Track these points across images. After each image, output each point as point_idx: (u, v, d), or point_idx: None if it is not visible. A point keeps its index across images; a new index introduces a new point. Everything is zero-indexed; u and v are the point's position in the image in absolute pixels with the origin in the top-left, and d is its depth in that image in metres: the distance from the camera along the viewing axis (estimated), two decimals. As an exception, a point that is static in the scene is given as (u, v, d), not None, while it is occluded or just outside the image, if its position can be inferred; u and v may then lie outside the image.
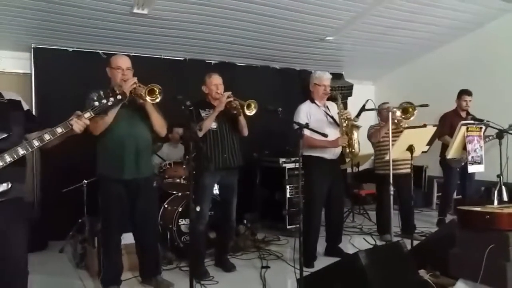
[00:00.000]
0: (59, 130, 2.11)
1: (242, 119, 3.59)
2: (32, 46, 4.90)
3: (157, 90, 2.91)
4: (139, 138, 3.11)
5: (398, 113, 4.01)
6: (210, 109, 3.56)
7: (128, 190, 3.10)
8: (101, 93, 2.21)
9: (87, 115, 2.17)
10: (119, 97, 2.23)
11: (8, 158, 2.00)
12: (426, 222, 5.47)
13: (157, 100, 2.94)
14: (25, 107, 2.31)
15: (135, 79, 2.96)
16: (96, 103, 2.18)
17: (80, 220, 4.36)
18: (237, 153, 3.69)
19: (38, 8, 4.11)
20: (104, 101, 2.19)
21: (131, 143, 3.06)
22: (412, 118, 4.01)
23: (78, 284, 3.51)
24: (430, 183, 6.61)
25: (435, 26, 5.77)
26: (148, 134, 3.19)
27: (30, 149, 2.06)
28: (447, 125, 5.01)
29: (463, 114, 5.19)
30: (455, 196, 5.66)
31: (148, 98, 2.90)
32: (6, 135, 2.08)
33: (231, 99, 3.48)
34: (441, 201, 5.52)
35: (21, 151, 2.04)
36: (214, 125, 3.53)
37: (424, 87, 6.55)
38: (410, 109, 3.98)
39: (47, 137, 2.08)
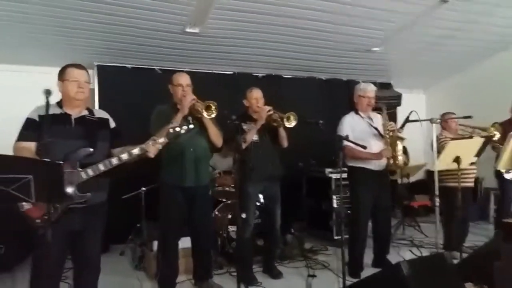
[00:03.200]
0: (136, 151, 2.41)
1: (282, 131, 3.73)
2: (95, 64, 5.34)
3: (213, 106, 3.15)
4: (198, 148, 3.35)
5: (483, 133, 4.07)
6: (251, 122, 3.72)
7: (187, 197, 3.32)
8: (178, 123, 2.53)
9: (162, 140, 2.47)
10: (191, 126, 2.57)
11: (90, 172, 2.30)
12: (482, 236, 5.26)
13: (213, 116, 3.18)
14: (112, 124, 2.63)
15: (194, 96, 3.22)
16: (171, 131, 2.49)
17: (138, 225, 4.64)
18: (278, 164, 3.83)
19: (100, 30, 4.50)
20: (178, 128, 2.50)
21: (191, 153, 3.30)
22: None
23: (137, 284, 3.77)
24: (487, 195, 6.35)
25: (488, 35, 5.61)
26: (206, 145, 3.42)
27: (109, 166, 2.35)
28: (502, 135, 4.83)
29: (519, 124, 4.98)
30: (512, 208, 5.41)
31: (205, 114, 3.15)
32: (92, 151, 2.37)
33: (271, 112, 3.62)
34: (498, 215, 5.30)
35: (102, 168, 2.33)
36: (256, 137, 3.69)
37: (478, 96, 6.35)
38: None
39: (124, 157, 2.38)
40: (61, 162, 2.14)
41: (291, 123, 3.56)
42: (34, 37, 4.53)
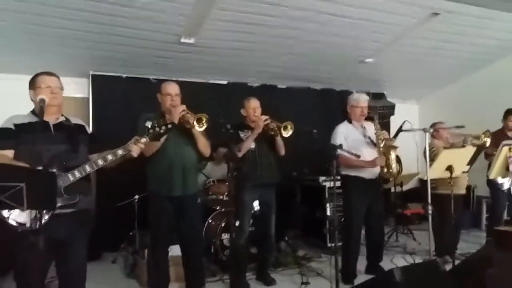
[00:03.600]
0: (120, 152, 2.43)
1: (279, 140, 3.76)
2: (90, 73, 5.36)
3: (204, 119, 3.14)
4: (186, 158, 3.34)
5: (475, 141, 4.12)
6: (248, 131, 3.76)
7: (175, 206, 3.31)
8: (155, 122, 2.55)
9: (143, 140, 2.50)
10: (169, 126, 2.59)
11: (77, 174, 2.32)
12: (474, 244, 5.30)
13: (203, 128, 3.16)
14: (89, 130, 2.66)
15: (184, 107, 3.20)
16: (151, 130, 2.53)
17: (131, 233, 4.64)
18: (274, 171, 3.86)
19: (96, 40, 4.53)
20: (157, 129, 2.54)
21: (178, 163, 3.29)
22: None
23: (128, 293, 3.77)
24: (479, 203, 6.39)
25: (479, 47, 5.70)
26: (193, 154, 3.41)
27: (95, 167, 2.37)
28: (493, 145, 4.89)
29: (510, 134, 5.06)
30: (505, 217, 5.45)
31: (196, 126, 3.13)
32: (76, 154, 2.40)
33: (268, 121, 3.66)
34: (490, 222, 5.34)
35: (88, 169, 2.35)
36: (253, 145, 3.73)
37: (470, 106, 6.43)
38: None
39: (109, 157, 2.40)
40: (54, 170, 2.17)
41: (288, 132, 3.59)
42: (29, 47, 4.55)
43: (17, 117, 2.41)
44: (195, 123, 3.11)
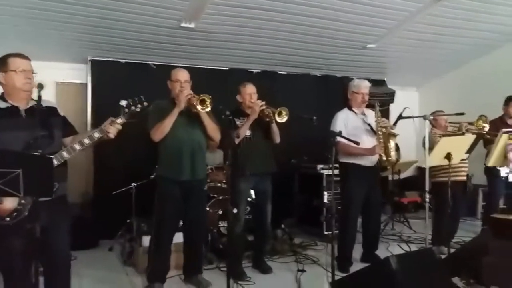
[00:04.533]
0: (96, 134, 2.36)
1: (274, 127, 3.74)
2: (89, 59, 5.30)
3: (208, 100, 3.16)
4: (195, 142, 3.35)
5: (470, 126, 4.08)
6: (244, 118, 3.73)
7: (183, 191, 3.33)
8: (130, 101, 2.48)
9: (119, 120, 2.42)
10: (145, 104, 2.52)
11: (55, 161, 2.23)
12: (470, 232, 5.34)
13: (208, 109, 3.20)
14: (61, 113, 2.55)
15: (190, 91, 3.24)
16: (127, 110, 2.45)
17: (128, 221, 4.64)
18: (270, 160, 3.85)
19: (94, 24, 4.47)
20: (133, 107, 2.47)
21: (187, 147, 3.30)
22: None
23: (125, 279, 3.78)
24: (475, 192, 6.42)
25: (482, 32, 5.64)
26: (203, 139, 3.43)
27: (73, 153, 2.31)
28: (492, 131, 4.88)
29: (511, 121, 5.04)
30: (501, 205, 5.47)
31: (199, 107, 3.16)
32: (51, 140, 2.33)
33: (264, 107, 3.63)
34: (486, 211, 5.36)
35: (65, 155, 2.30)
36: (248, 133, 3.70)
37: (470, 94, 6.40)
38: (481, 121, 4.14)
39: (86, 141, 2.33)
40: (51, 156, 2.13)
41: (283, 118, 3.57)
42: (26, 31, 4.50)
43: None
44: (198, 104, 3.11)
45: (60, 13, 4.18)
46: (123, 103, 2.49)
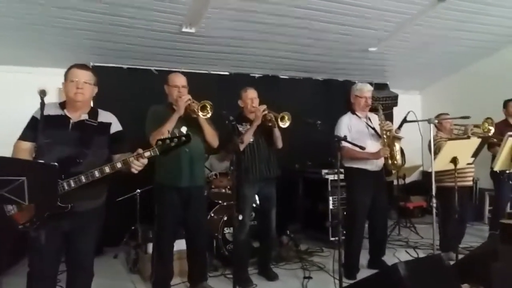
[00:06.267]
0: (119, 165, 2.30)
1: (276, 131, 3.72)
2: (91, 64, 5.29)
3: (209, 106, 3.14)
4: (194, 149, 3.31)
5: (476, 129, 4.05)
6: (246, 123, 3.71)
7: (182, 198, 3.30)
8: (169, 135, 2.31)
9: (147, 154, 2.29)
10: (183, 139, 2.30)
11: (72, 184, 2.23)
12: (477, 237, 5.29)
13: (208, 115, 3.18)
14: (114, 129, 2.51)
15: (189, 96, 3.21)
16: (160, 142, 2.29)
17: (133, 228, 4.61)
18: (273, 165, 3.82)
19: (96, 30, 4.46)
20: (168, 141, 2.30)
21: (185, 154, 3.27)
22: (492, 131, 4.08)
23: (131, 287, 3.75)
24: (482, 196, 6.37)
25: (484, 35, 5.61)
26: (201, 146, 3.41)
27: (91, 179, 2.25)
28: (497, 136, 4.85)
29: (514, 122, 5.02)
30: (508, 210, 5.42)
31: (200, 114, 3.14)
32: (81, 160, 2.31)
33: (266, 112, 3.61)
34: (493, 215, 5.31)
35: (83, 180, 2.24)
36: (251, 139, 3.68)
37: (473, 96, 6.36)
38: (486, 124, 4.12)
39: (107, 170, 2.28)
40: (55, 164, 2.09)
41: (286, 123, 3.55)
42: (30, 37, 4.49)
43: (49, 106, 2.29)
44: (199, 111, 3.09)
45: (62, 19, 4.17)
46: (184, 129, 2.40)
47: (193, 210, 3.35)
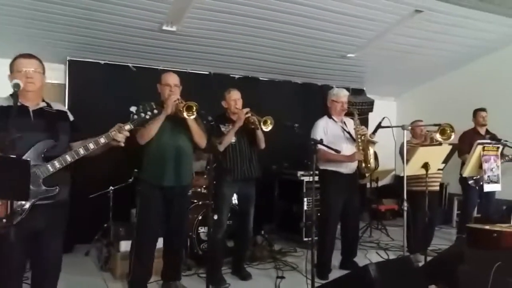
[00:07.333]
0: (102, 140, 2.31)
1: (259, 133, 3.75)
2: (68, 59, 5.18)
3: (194, 107, 3.11)
4: (180, 148, 3.31)
5: (438, 136, 3.95)
6: (229, 124, 3.73)
7: (165, 197, 3.28)
8: (141, 107, 2.43)
9: (127, 127, 2.38)
10: (155, 111, 2.46)
11: (57, 165, 2.22)
12: (445, 240, 5.46)
13: (193, 116, 3.14)
14: (71, 117, 2.52)
15: (178, 96, 3.20)
16: (136, 116, 2.40)
17: (105, 225, 4.55)
18: (255, 165, 3.86)
19: (74, 24, 4.37)
20: (142, 114, 2.42)
21: (171, 153, 3.26)
22: (452, 138, 3.92)
23: (102, 286, 3.70)
24: (451, 201, 6.58)
25: (458, 46, 5.81)
26: (188, 145, 3.39)
27: (76, 157, 2.26)
28: (466, 144, 5.00)
29: (482, 131, 5.21)
30: (475, 214, 5.61)
31: (185, 114, 3.11)
32: (55, 143, 2.29)
33: (249, 115, 3.64)
34: (460, 219, 5.50)
35: (68, 159, 2.25)
36: (233, 139, 3.70)
37: (447, 105, 6.55)
38: (448, 130, 3.90)
39: (91, 146, 2.28)
40: (28, 159, 2.08)
41: (268, 127, 3.59)
42: (3, 29, 4.37)
43: (2, 100, 2.27)
44: (184, 111, 3.08)
45: (39, 12, 4.07)
46: (133, 109, 2.45)
47: (175, 210, 3.33)
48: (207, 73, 5.92)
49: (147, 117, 2.43)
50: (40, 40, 4.67)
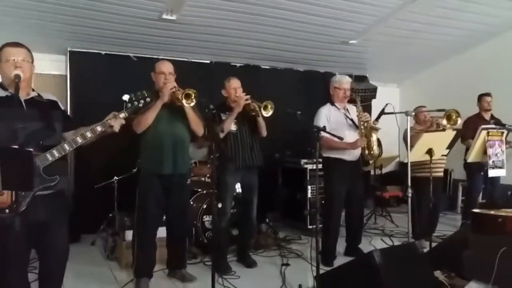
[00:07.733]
0: (99, 128, 2.31)
1: (260, 120, 3.73)
2: (68, 50, 5.17)
3: (193, 95, 3.11)
4: (177, 136, 3.30)
5: (444, 121, 3.91)
6: (229, 112, 3.70)
7: (164, 185, 3.29)
8: (133, 95, 2.44)
9: (122, 115, 2.39)
10: (147, 99, 2.48)
11: (56, 154, 2.21)
12: (450, 226, 5.45)
13: (192, 104, 3.14)
14: (62, 107, 2.52)
15: (174, 84, 3.18)
16: (129, 105, 2.43)
17: (110, 215, 4.58)
18: (257, 153, 3.84)
19: (74, 14, 4.34)
20: (136, 102, 2.44)
21: (169, 141, 3.26)
22: (458, 123, 3.88)
23: (108, 274, 3.73)
24: (455, 187, 6.57)
25: (461, 30, 5.73)
26: (186, 133, 3.38)
27: (74, 146, 2.26)
28: (470, 129, 4.96)
29: (487, 116, 5.17)
30: (480, 200, 5.60)
31: (184, 102, 3.11)
32: (52, 133, 2.29)
33: (249, 101, 3.62)
34: (465, 205, 5.48)
35: (67, 147, 2.24)
36: (234, 128, 3.69)
37: (450, 90, 6.50)
38: (454, 116, 3.85)
39: (88, 134, 2.28)
40: (31, 149, 2.06)
41: (268, 112, 3.57)
42: (3, 21, 4.34)
43: None
44: (183, 99, 3.07)
45: (39, 2, 4.04)
46: (126, 97, 2.47)
47: (175, 198, 3.34)
48: (208, 61, 5.89)
49: (140, 105, 2.47)
50: (40, 31, 4.64)
